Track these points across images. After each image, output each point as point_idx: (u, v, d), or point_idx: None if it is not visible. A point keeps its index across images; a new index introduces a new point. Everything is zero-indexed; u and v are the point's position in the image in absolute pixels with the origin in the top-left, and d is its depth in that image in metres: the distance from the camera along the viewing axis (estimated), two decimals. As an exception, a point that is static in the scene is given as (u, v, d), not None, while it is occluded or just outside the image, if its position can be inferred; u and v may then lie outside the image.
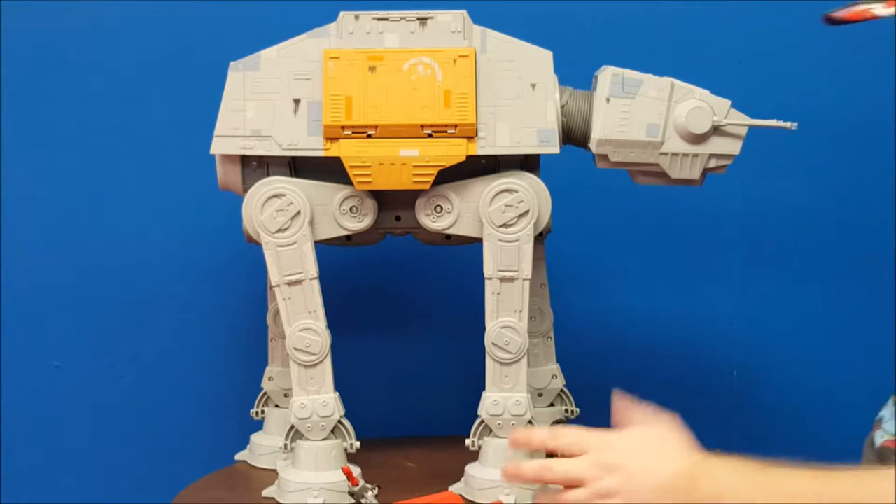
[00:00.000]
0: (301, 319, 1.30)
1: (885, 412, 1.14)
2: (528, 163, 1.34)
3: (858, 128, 1.70)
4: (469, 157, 1.29)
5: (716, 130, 1.31)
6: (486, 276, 1.30)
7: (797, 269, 1.73)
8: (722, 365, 1.75)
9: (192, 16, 1.66)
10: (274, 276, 1.30)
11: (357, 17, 1.30)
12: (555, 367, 1.49)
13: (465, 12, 1.30)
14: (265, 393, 1.49)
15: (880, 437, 1.13)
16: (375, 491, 1.23)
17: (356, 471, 1.29)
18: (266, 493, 1.34)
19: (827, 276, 1.72)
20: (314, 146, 1.29)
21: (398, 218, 1.35)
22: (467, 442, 1.33)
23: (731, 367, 1.75)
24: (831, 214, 1.72)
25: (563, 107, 1.32)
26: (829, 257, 1.72)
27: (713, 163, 1.33)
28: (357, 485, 1.22)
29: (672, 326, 1.72)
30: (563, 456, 1.09)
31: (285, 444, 1.32)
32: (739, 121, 1.31)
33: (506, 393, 1.31)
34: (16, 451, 1.70)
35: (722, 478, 1.01)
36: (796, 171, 1.71)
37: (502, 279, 1.30)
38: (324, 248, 1.34)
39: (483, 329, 1.31)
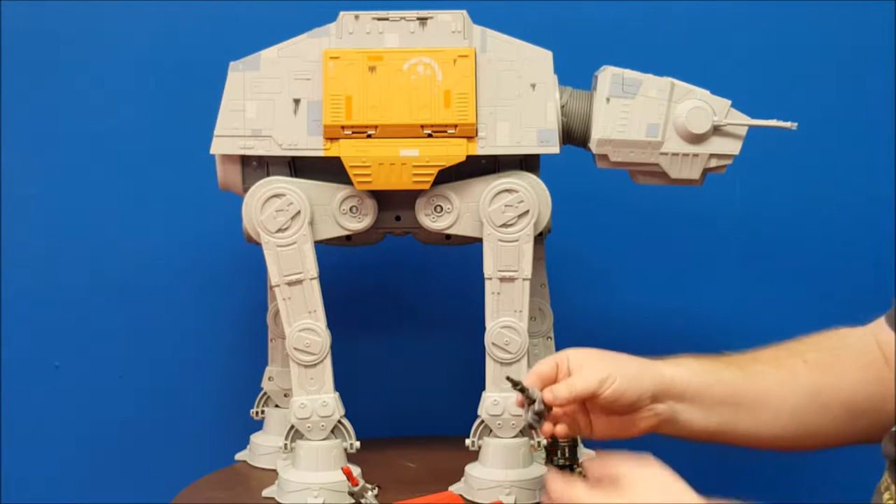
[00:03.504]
0: (301, 319, 1.30)
1: None
2: (528, 163, 1.34)
3: (858, 128, 1.70)
4: (469, 157, 1.29)
5: (716, 130, 1.32)
6: (486, 276, 1.30)
7: (797, 268, 1.73)
8: (722, 365, 1.75)
9: (192, 16, 1.66)
10: (274, 276, 1.30)
11: (357, 17, 1.30)
12: (555, 367, 1.49)
13: (465, 12, 1.30)
14: (265, 393, 1.49)
15: None
16: (375, 491, 1.22)
17: (356, 471, 1.29)
18: (266, 493, 1.34)
19: (827, 276, 1.72)
20: (314, 146, 1.29)
21: (398, 218, 1.35)
22: (467, 442, 1.33)
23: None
24: (831, 214, 1.71)
25: (563, 107, 1.32)
26: (828, 257, 1.72)
27: (713, 163, 1.33)
28: (357, 485, 1.22)
29: (672, 326, 1.72)
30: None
31: (285, 444, 1.32)
32: (739, 121, 1.31)
33: (506, 393, 1.31)
34: (16, 451, 1.70)
35: None
36: (796, 171, 1.71)
37: (502, 279, 1.30)
38: (324, 248, 1.34)
39: (483, 329, 1.31)
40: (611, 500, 1.01)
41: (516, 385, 1.13)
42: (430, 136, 1.28)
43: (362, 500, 1.22)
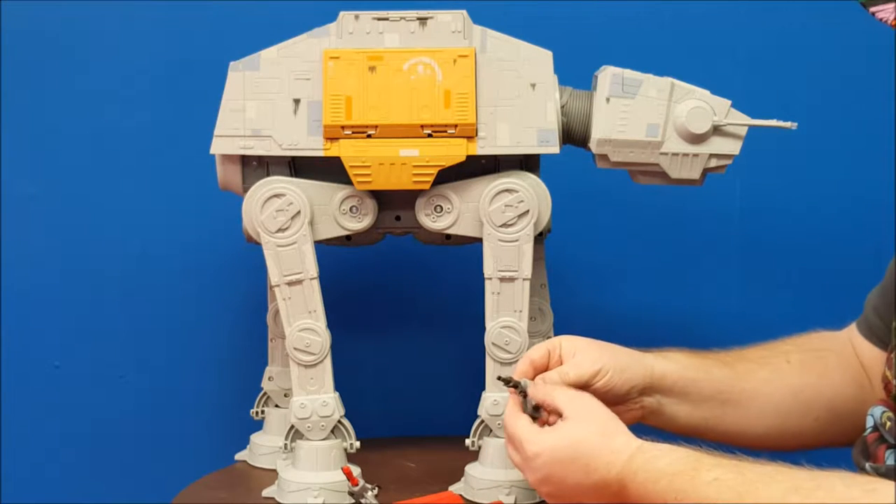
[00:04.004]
0: (301, 319, 1.30)
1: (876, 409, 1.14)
2: (528, 163, 1.34)
3: (858, 128, 1.70)
4: (469, 157, 1.29)
5: (716, 130, 1.31)
6: (485, 276, 1.30)
7: (797, 268, 1.73)
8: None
9: (192, 16, 1.66)
10: (274, 276, 1.30)
11: (357, 17, 1.30)
12: (555, 367, 1.49)
13: (464, 12, 1.30)
14: (265, 393, 1.49)
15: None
16: (375, 491, 1.23)
17: (356, 471, 1.29)
18: (266, 493, 1.34)
19: (826, 277, 1.72)
20: (314, 146, 1.29)
21: (398, 218, 1.35)
22: (467, 442, 1.33)
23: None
24: (831, 214, 1.71)
25: (563, 107, 1.32)
26: (828, 257, 1.72)
27: (713, 163, 1.33)
28: (357, 485, 1.22)
29: (672, 326, 1.72)
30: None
31: (285, 444, 1.32)
32: (739, 121, 1.31)
33: (506, 393, 1.30)
34: (16, 451, 1.70)
35: (647, 482, 1.01)
36: (796, 171, 1.71)
37: (502, 279, 1.30)
38: (324, 248, 1.34)
39: (483, 329, 1.31)
40: (541, 437, 1.08)
41: (508, 383, 1.16)
42: (430, 136, 1.28)
43: (362, 500, 1.22)
